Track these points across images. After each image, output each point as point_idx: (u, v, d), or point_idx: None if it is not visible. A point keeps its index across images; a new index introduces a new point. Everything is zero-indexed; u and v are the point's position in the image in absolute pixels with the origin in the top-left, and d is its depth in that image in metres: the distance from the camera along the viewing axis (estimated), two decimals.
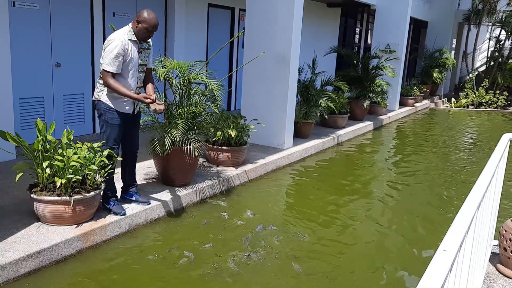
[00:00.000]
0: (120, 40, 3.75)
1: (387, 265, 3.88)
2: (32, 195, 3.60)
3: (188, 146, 4.65)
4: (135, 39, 3.86)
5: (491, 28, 18.33)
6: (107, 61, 3.73)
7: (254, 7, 6.82)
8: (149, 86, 4.11)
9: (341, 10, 13.79)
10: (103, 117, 3.93)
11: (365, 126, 10.01)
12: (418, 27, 17.86)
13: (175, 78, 4.93)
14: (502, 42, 16.76)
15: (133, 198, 4.31)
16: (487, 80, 16.15)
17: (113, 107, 3.90)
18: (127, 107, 3.99)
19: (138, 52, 3.92)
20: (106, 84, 3.77)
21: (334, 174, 6.70)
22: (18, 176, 3.56)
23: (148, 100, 3.84)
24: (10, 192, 4.36)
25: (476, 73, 17.28)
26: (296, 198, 5.46)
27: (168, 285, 3.38)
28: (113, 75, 3.76)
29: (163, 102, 3.95)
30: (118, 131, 3.98)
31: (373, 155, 8.20)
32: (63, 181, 3.53)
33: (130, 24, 3.90)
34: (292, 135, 7.16)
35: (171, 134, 4.54)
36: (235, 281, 3.44)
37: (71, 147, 3.76)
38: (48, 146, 3.69)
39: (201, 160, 5.87)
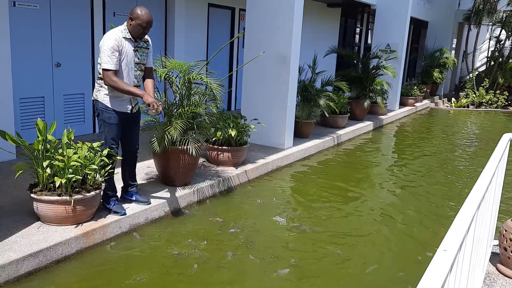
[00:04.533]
0: (113, 38, 3.76)
1: (388, 265, 3.88)
2: (32, 195, 3.60)
3: (188, 146, 4.65)
4: (130, 37, 3.86)
5: (491, 28, 18.33)
6: (105, 59, 3.73)
7: (254, 7, 6.82)
8: (148, 82, 4.08)
9: (341, 10, 13.80)
10: (100, 117, 3.93)
11: (365, 126, 10.02)
12: (418, 27, 17.86)
13: (175, 78, 4.93)
14: (502, 42, 16.76)
15: (133, 198, 4.31)
16: (487, 80, 16.16)
17: (110, 106, 3.89)
18: (124, 106, 3.98)
19: (133, 50, 3.91)
20: (108, 83, 3.75)
21: (335, 174, 6.70)
22: (17, 174, 3.56)
23: (149, 101, 3.78)
24: (10, 192, 4.36)
25: (476, 73, 17.28)
26: (297, 197, 5.46)
27: (169, 284, 3.38)
28: (114, 72, 3.75)
29: (160, 103, 3.88)
30: (116, 131, 3.97)
31: (373, 155, 8.20)
32: (63, 180, 3.53)
33: (125, 23, 3.91)
34: (292, 135, 7.17)
35: (169, 133, 4.53)
36: (237, 275, 3.45)
37: (71, 147, 3.76)
38: (48, 146, 3.69)
39: (201, 160, 5.87)
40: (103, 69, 3.74)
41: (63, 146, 3.69)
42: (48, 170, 3.56)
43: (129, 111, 4.03)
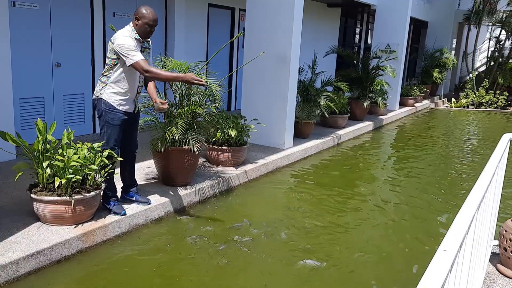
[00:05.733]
0: (128, 35, 3.78)
1: (388, 266, 3.88)
2: (32, 195, 3.60)
3: (188, 145, 4.64)
4: (138, 37, 3.86)
5: (491, 28, 18.34)
6: (131, 54, 3.69)
7: (254, 7, 6.82)
8: (151, 85, 4.10)
9: (341, 10, 13.80)
10: (103, 118, 3.93)
11: (365, 126, 10.02)
12: (418, 27, 17.86)
13: None
14: (502, 42, 16.76)
15: (134, 198, 4.31)
16: (487, 80, 16.16)
17: (114, 105, 3.89)
18: (128, 106, 3.98)
19: (141, 51, 3.92)
20: (147, 74, 3.72)
21: (335, 174, 6.70)
22: (17, 175, 3.56)
23: (195, 80, 3.76)
24: (10, 192, 4.36)
25: (476, 73, 17.29)
26: (296, 198, 5.46)
27: (169, 284, 3.38)
28: (146, 62, 3.74)
29: (166, 101, 3.95)
30: (119, 131, 3.97)
31: (373, 155, 8.20)
32: (63, 181, 3.53)
33: (130, 24, 3.90)
34: (292, 135, 7.17)
35: (171, 132, 4.54)
36: (238, 272, 3.45)
37: (71, 147, 3.76)
38: (48, 146, 3.69)
39: (201, 160, 5.87)
40: (133, 64, 3.70)
41: (63, 146, 3.69)
42: (48, 171, 3.56)
43: (132, 111, 4.04)
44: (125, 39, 3.74)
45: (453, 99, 16.26)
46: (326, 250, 4.03)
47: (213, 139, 5.70)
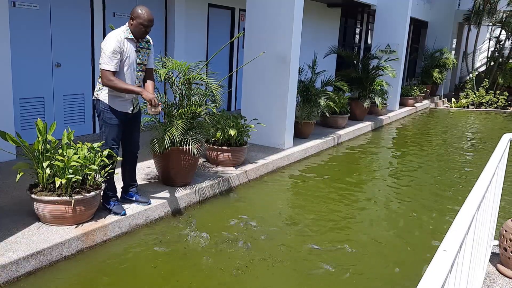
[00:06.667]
0: (116, 39, 3.74)
1: (386, 267, 3.88)
2: (32, 195, 3.60)
3: (189, 146, 4.64)
4: (132, 37, 3.85)
5: (491, 28, 18.34)
6: (105, 60, 3.71)
7: (254, 7, 6.82)
8: (148, 83, 4.08)
9: (341, 10, 13.80)
10: (101, 117, 3.93)
11: (365, 126, 10.02)
12: (418, 27, 17.87)
13: (175, 78, 4.93)
14: (502, 42, 16.77)
15: (134, 198, 4.31)
16: (487, 80, 16.16)
17: (111, 106, 3.89)
18: (126, 106, 3.98)
19: (135, 51, 3.91)
20: (106, 83, 3.74)
21: (335, 174, 6.70)
22: (18, 176, 3.56)
23: (149, 97, 3.79)
24: (10, 192, 4.36)
25: (476, 73, 17.29)
26: (296, 198, 5.46)
27: (169, 283, 3.38)
28: (112, 73, 3.74)
29: (159, 103, 3.91)
30: (117, 131, 3.97)
31: (373, 155, 8.20)
32: (63, 181, 3.53)
33: (126, 23, 3.90)
34: (292, 135, 7.17)
35: (171, 133, 4.54)
36: (239, 273, 3.45)
37: (71, 147, 3.76)
38: (48, 146, 3.69)
39: (201, 160, 5.87)
40: (102, 69, 3.73)
41: (63, 146, 3.69)
42: (48, 171, 3.56)
43: (130, 112, 4.03)
44: (110, 42, 3.73)
45: (453, 99, 16.26)
46: (329, 250, 4.03)
47: (213, 139, 5.70)
